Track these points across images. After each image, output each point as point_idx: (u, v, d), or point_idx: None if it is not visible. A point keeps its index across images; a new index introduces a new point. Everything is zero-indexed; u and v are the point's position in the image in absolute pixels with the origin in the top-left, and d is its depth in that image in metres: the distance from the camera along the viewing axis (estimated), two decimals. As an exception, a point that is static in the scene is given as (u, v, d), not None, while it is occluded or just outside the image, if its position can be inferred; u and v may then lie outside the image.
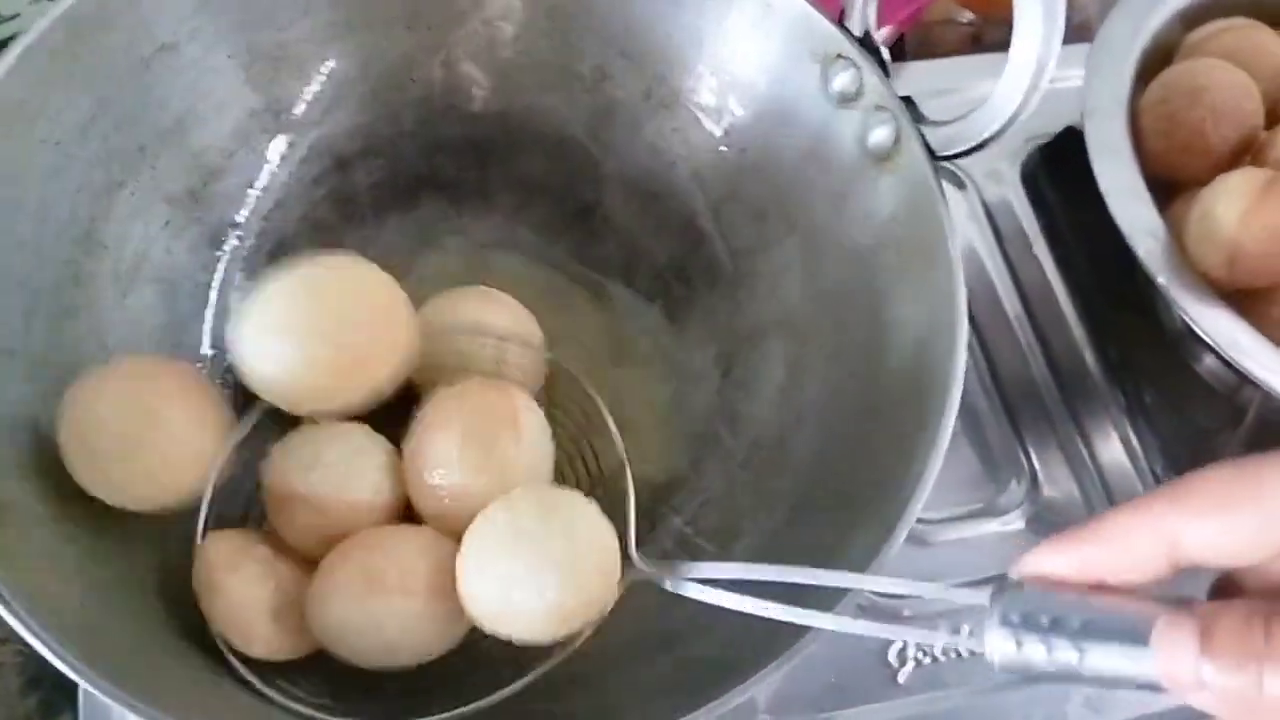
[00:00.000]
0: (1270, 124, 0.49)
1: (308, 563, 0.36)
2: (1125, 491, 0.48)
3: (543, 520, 0.33)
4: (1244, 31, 0.51)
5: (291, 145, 0.44)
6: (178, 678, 0.33)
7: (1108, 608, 0.23)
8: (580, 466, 0.42)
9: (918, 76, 0.58)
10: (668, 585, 0.33)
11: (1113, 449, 0.49)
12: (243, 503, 0.39)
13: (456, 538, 0.35)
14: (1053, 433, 0.49)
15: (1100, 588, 0.24)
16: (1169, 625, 0.22)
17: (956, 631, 0.26)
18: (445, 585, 0.34)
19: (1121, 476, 0.48)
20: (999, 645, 0.24)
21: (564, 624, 0.33)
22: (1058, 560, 0.24)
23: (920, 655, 0.43)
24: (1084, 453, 0.49)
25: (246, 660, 0.35)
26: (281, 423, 0.38)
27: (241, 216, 0.44)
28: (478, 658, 0.36)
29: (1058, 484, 0.48)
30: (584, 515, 0.34)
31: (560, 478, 0.40)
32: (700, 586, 0.32)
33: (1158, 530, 0.23)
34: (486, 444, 0.36)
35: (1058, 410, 0.50)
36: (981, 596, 0.25)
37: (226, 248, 0.43)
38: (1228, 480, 0.23)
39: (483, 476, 0.36)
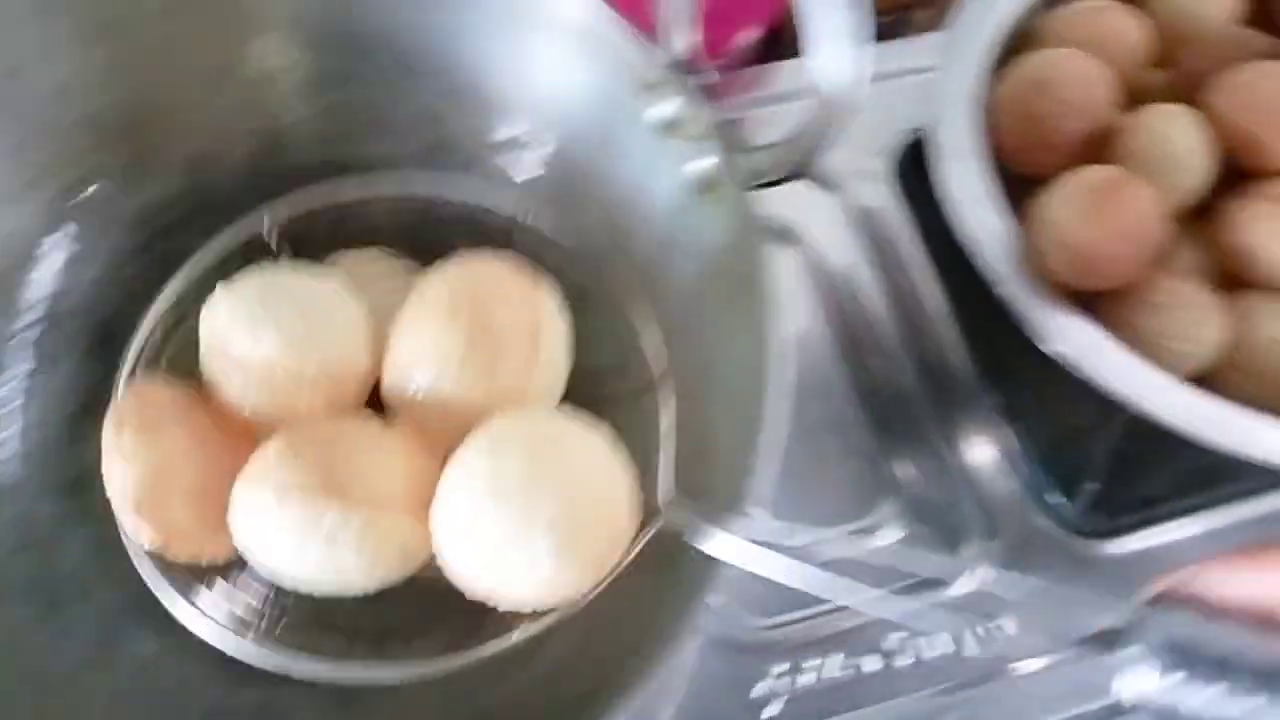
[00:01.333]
0: (1130, 106, 0.47)
1: (249, 441, 0.29)
2: (1002, 496, 0.47)
3: (534, 469, 0.26)
4: (1099, 14, 0.49)
5: (101, 225, 0.42)
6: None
7: None
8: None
9: (786, 76, 0.57)
10: (704, 548, 0.28)
11: (986, 452, 0.48)
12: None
13: (426, 449, 0.29)
14: (925, 440, 0.48)
15: (1272, 621, 0.20)
16: None
17: (1110, 650, 0.20)
18: (421, 500, 0.28)
19: (997, 480, 0.47)
20: (1141, 680, 0.20)
21: (559, 593, 0.27)
22: (1244, 581, 0.20)
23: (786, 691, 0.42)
24: (959, 458, 0.48)
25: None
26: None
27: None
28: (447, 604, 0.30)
29: (932, 492, 0.47)
30: (587, 457, 0.28)
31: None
32: (744, 543, 0.28)
33: None
34: (493, 354, 0.29)
35: (929, 416, 0.49)
36: (1114, 616, 0.20)
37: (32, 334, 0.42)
38: None
39: (477, 392, 0.29)
